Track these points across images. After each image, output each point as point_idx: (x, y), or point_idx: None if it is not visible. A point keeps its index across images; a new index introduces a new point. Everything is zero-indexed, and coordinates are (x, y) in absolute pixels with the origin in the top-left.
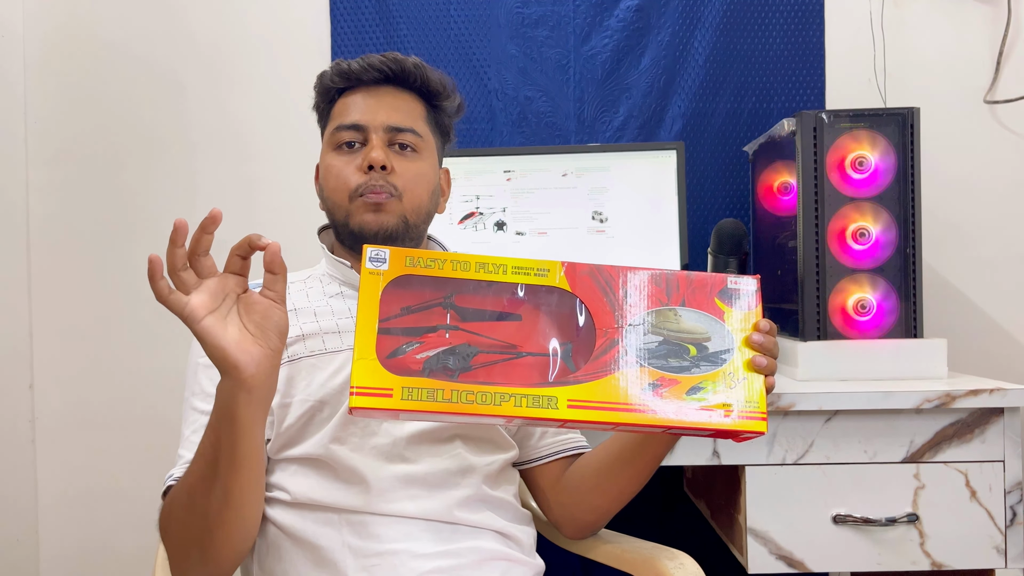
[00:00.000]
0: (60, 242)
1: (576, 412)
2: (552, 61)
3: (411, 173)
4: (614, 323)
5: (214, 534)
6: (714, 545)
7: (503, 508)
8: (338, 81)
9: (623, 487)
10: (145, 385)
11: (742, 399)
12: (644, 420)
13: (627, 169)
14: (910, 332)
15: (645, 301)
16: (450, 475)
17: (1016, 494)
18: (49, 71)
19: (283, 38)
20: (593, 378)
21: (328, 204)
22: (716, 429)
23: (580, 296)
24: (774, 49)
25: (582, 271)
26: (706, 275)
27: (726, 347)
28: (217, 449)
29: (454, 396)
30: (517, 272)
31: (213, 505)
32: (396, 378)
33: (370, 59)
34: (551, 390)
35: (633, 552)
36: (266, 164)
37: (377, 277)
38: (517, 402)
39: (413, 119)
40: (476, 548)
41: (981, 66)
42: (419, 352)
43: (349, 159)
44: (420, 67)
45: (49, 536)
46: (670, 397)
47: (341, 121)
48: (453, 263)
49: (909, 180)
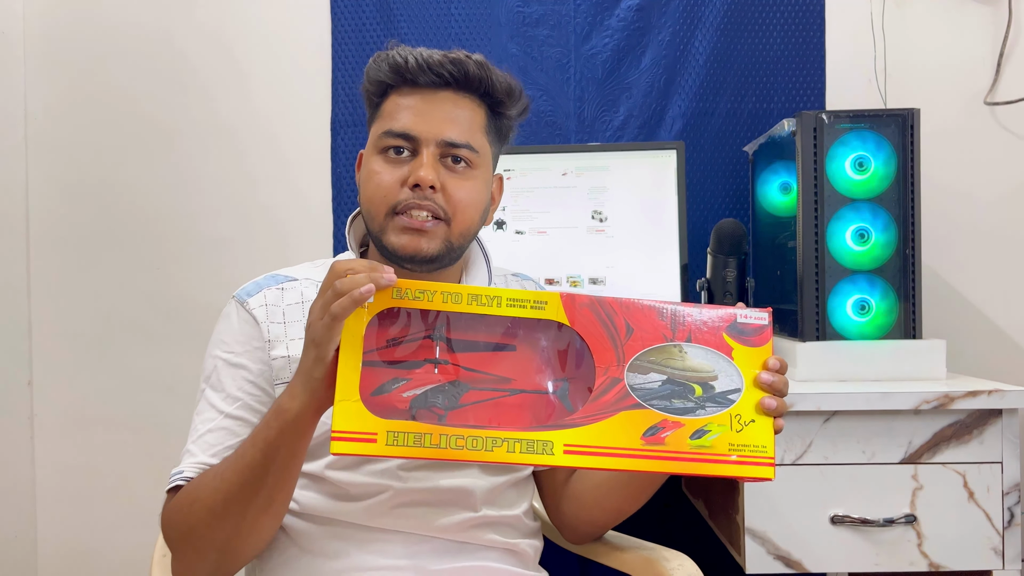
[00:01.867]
0: (60, 239)
1: (573, 459)
2: (552, 60)
3: (463, 193)
4: (615, 360)
5: (245, 539)
6: (712, 545)
7: (511, 526)
8: (390, 76)
9: (620, 505)
10: (144, 382)
11: (749, 443)
12: (645, 467)
13: (627, 169)
14: (909, 333)
15: (648, 337)
16: (456, 497)
17: (1014, 496)
18: (49, 68)
19: (284, 35)
20: (591, 421)
21: (364, 211)
22: (721, 475)
23: (579, 330)
24: (774, 49)
25: (581, 303)
26: (714, 309)
27: (734, 387)
28: (270, 462)
29: (443, 441)
30: (512, 305)
31: (251, 511)
32: (381, 422)
33: (430, 57)
34: (547, 434)
35: (632, 552)
36: (267, 161)
37: (361, 311)
38: (510, 447)
39: (471, 132)
40: (482, 567)
41: (981, 67)
42: (406, 390)
43: (394, 168)
44: (485, 68)
45: (47, 533)
46: (673, 442)
47: (391, 126)
48: (444, 295)
49: (909, 181)
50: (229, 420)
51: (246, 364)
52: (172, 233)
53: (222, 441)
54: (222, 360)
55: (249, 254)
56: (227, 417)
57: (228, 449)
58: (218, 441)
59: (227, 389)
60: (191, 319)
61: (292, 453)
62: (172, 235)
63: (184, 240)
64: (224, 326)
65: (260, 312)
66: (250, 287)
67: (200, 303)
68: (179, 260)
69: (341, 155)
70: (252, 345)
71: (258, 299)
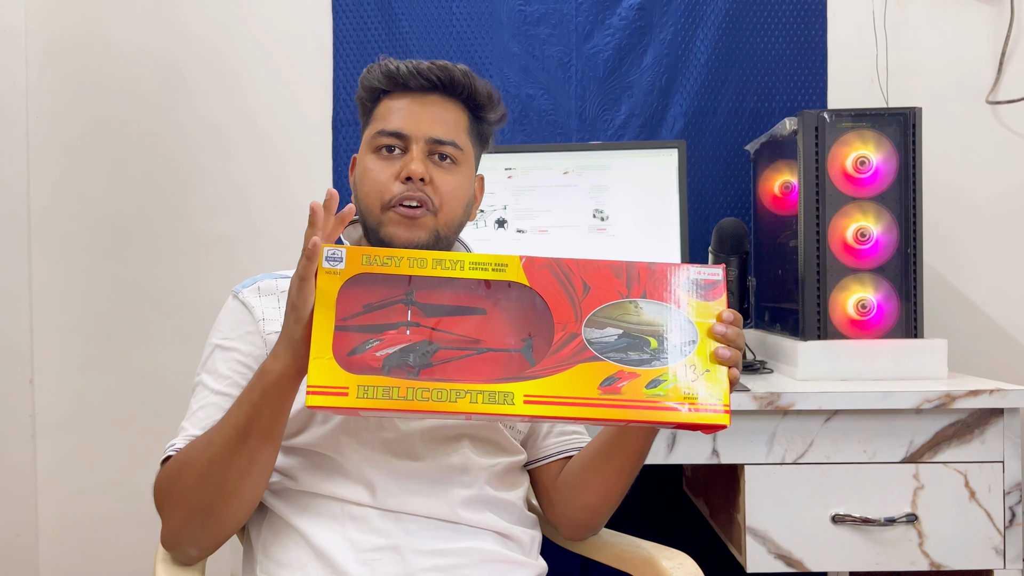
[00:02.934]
0: (61, 237)
1: (533, 408)
2: (554, 59)
3: (449, 186)
4: (573, 317)
5: (228, 502)
6: (713, 544)
7: (506, 510)
8: (384, 82)
9: (606, 483)
10: (145, 380)
11: (704, 391)
12: (601, 415)
13: (628, 167)
14: (910, 332)
15: (605, 293)
16: (454, 473)
17: (1015, 495)
18: (51, 67)
19: (285, 35)
20: (551, 372)
21: (361, 207)
22: (676, 423)
23: (538, 290)
24: (776, 48)
25: (540, 264)
26: (669, 265)
27: (688, 339)
28: (253, 423)
29: (409, 394)
30: (475, 268)
31: (233, 473)
32: (352, 376)
33: (419, 64)
34: (507, 386)
35: (632, 552)
36: (268, 160)
37: (334, 276)
38: (473, 398)
39: (456, 131)
40: (476, 549)
41: (983, 66)
42: (379, 350)
43: (387, 165)
44: (468, 76)
45: (48, 531)
46: (629, 391)
47: (384, 126)
48: (410, 260)
49: (910, 180)
50: (218, 396)
51: (237, 347)
52: (173, 232)
53: (211, 416)
54: (216, 346)
55: (250, 253)
56: (217, 394)
57: None
58: (208, 416)
59: (219, 370)
60: (192, 317)
61: (274, 415)
62: (173, 234)
63: (185, 239)
64: (220, 316)
65: (253, 298)
66: (247, 281)
67: (201, 301)
68: (180, 259)
69: (342, 153)
70: (244, 330)
71: (252, 289)
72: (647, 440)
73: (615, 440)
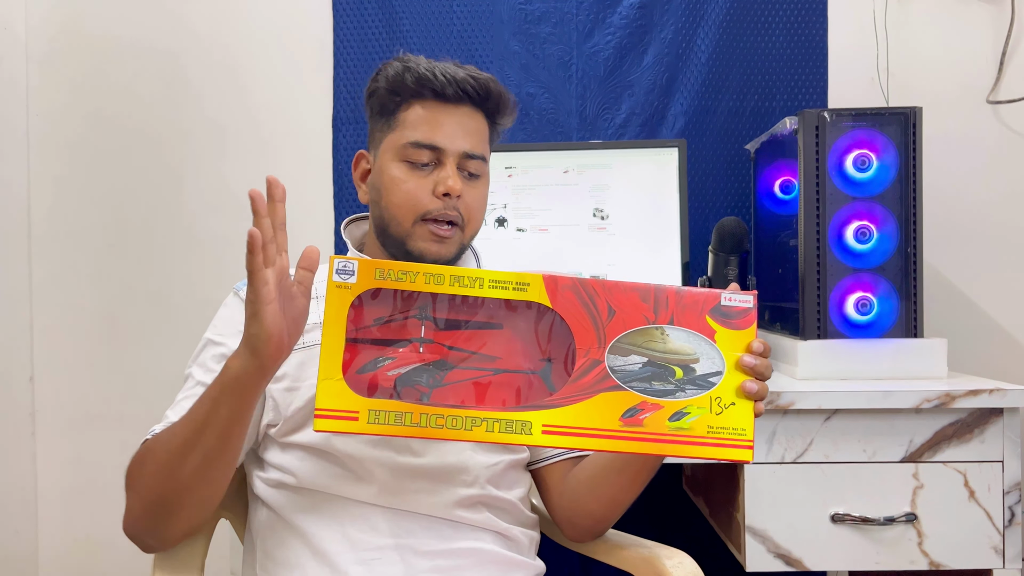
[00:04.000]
0: (61, 235)
1: (551, 439)
2: (554, 58)
3: (476, 200)
4: (596, 342)
5: (182, 499)
6: (713, 543)
7: (506, 510)
8: (413, 87)
9: (615, 494)
10: (145, 377)
11: (728, 426)
12: (622, 448)
13: (629, 166)
14: (910, 332)
15: (631, 319)
16: (454, 472)
17: (1014, 495)
18: (51, 65)
19: (286, 34)
20: (571, 402)
21: (386, 216)
22: (699, 457)
23: (561, 312)
24: (777, 47)
25: (564, 285)
26: (698, 291)
27: (716, 369)
28: (211, 418)
29: (423, 420)
30: (495, 286)
31: (187, 468)
32: (363, 400)
33: (455, 73)
34: (526, 414)
35: (632, 551)
36: (269, 158)
37: (345, 291)
38: (489, 427)
39: (483, 144)
40: (475, 549)
41: (984, 66)
42: (391, 368)
43: (420, 177)
44: (498, 87)
45: (48, 529)
46: (652, 424)
47: (418, 138)
48: (426, 276)
49: (911, 180)
50: (201, 388)
51: (227, 343)
52: (173, 230)
53: None
54: (209, 340)
55: None
56: (200, 385)
57: None
58: (188, 407)
59: (207, 364)
60: (192, 316)
61: (232, 415)
62: (173, 232)
63: (185, 237)
64: (219, 312)
65: None
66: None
67: (201, 300)
68: (180, 257)
69: (343, 152)
70: (237, 328)
71: None
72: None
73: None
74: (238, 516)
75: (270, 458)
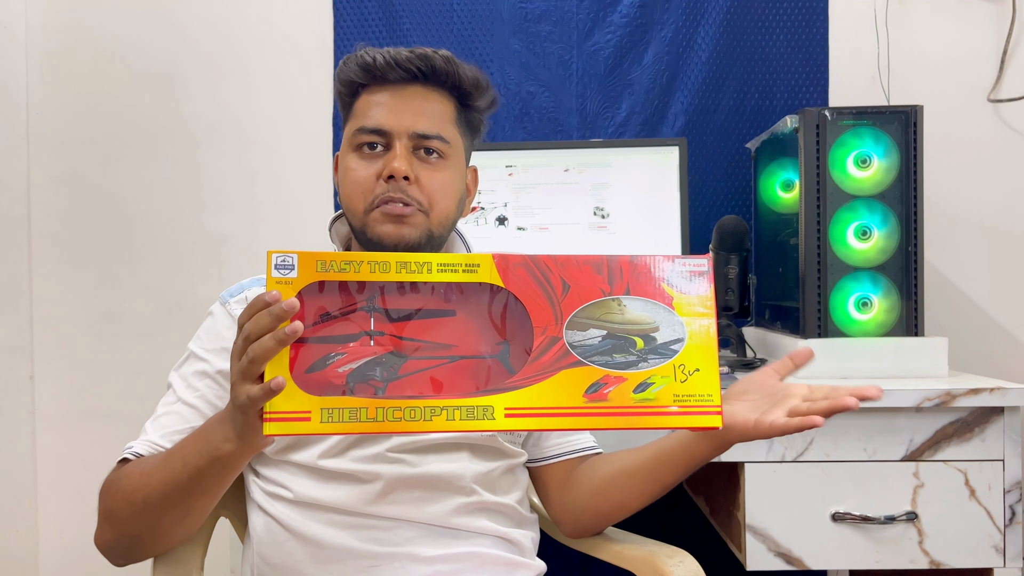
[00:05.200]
0: (61, 234)
1: (515, 421)
2: (555, 56)
3: (436, 184)
4: (553, 319)
5: (156, 540)
6: (713, 542)
7: (504, 514)
8: (361, 76)
9: (626, 500)
10: (145, 376)
11: (694, 392)
12: (588, 425)
13: (629, 165)
14: (911, 330)
15: (585, 292)
16: (451, 480)
17: (1015, 493)
18: (51, 65)
19: (286, 32)
20: (532, 382)
21: (346, 208)
22: (666, 427)
23: (514, 291)
24: (777, 46)
25: (515, 263)
26: (652, 258)
27: (676, 336)
28: (196, 485)
29: (379, 414)
30: (443, 270)
31: (165, 521)
32: (313, 399)
33: (397, 54)
34: (486, 399)
35: (632, 549)
36: (268, 158)
37: (286, 287)
38: (449, 415)
39: (441, 123)
40: (475, 553)
41: (985, 64)
42: (341, 364)
43: (369, 163)
44: (451, 63)
45: (48, 527)
46: (616, 397)
47: (363, 123)
48: (371, 264)
49: (911, 178)
50: (183, 406)
51: (209, 359)
52: (173, 228)
53: (173, 425)
54: (192, 353)
55: (250, 250)
56: (182, 403)
57: (176, 434)
58: (170, 424)
59: (188, 379)
60: (192, 314)
61: (219, 483)
62: (173, 230)
63: (185, 236)
64: (205, 322)
65: (239, 309)
66: (234, 288)
67: (200, 298)
68: (180, 255)
69: None
70: (220, 345)
71: (240, 299)
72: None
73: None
74: (238, 516)
75: (265, 472)
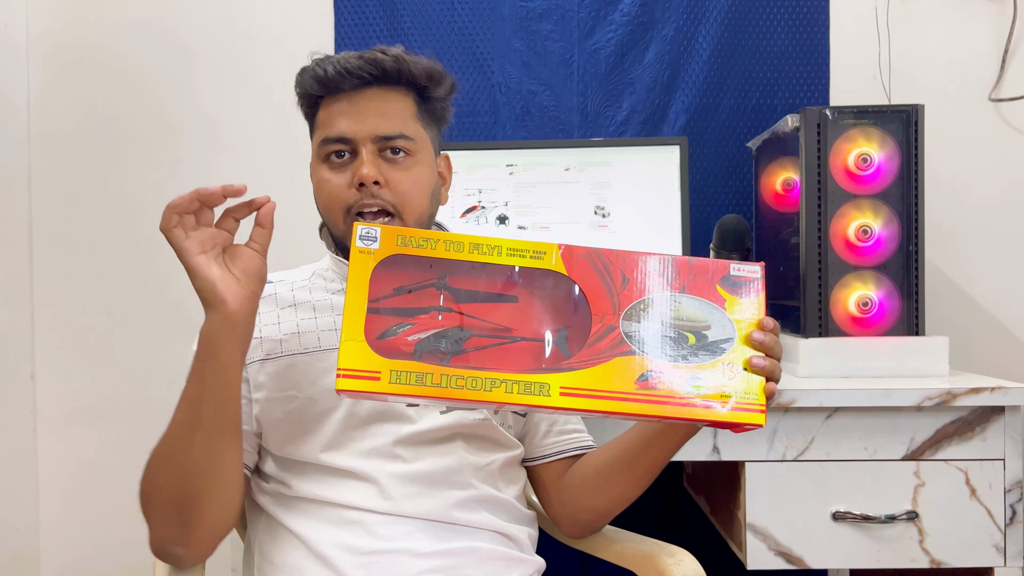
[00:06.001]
0: (62, 233)
1: (569, 400)
2: (556, 55)
3: (407, 183)
4: (611, 309)
5: (196, 486)
6: (713, 541)
7: (503, 508)
8: (316, 88)
9: (622, 491)
10: (147, 375)
11: (740, 390)
12: (638, 411)
13: (630, 164)
14: (912, 330)
15: (644, 287)
16: (449, 474)
17: (1016, 493)
18: (51, 64)
19: (287, 31)
20: (587, 365)
21: (324, 220)
22: (712, 420)
23: (577, 280)
24: (778, 45)
25: (579, 254)
26: (708, 261)
27: (726, 336)
28: (202, 394)
29: (443, 380)
30: (512, 254)
31: (195, 455)
32: (385, 361)
33: (347, 63)
34: (544, 377)
35: (633, 549)
36: (268, 158)
37: (368, 256)
38: (508, 388)
39: (403, 122)
40: (474, 548)
41: (986, 63)
42: (410, 334)
43: (339, 173)
44: (401, 61)
45: (50, 527)
46: (666, 387)
47: (327, 133)
48: (447, 243)
49: (912, 177)
50: None
51: None
52: None
53: None
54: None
55: None
56: None
57: None
58: None
59: None
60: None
61: (219, 380)
62: None
63: None
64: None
65: None
66: None
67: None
68: None
69: None
70: None
71: None
72: (670, 452)
73: (638, 450)
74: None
75: (267, 470)
